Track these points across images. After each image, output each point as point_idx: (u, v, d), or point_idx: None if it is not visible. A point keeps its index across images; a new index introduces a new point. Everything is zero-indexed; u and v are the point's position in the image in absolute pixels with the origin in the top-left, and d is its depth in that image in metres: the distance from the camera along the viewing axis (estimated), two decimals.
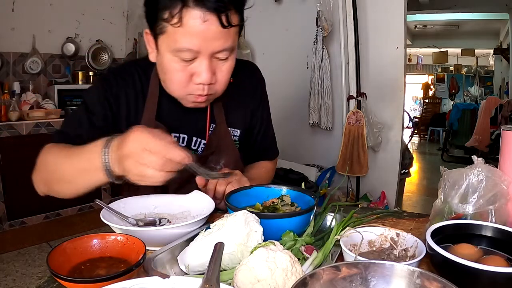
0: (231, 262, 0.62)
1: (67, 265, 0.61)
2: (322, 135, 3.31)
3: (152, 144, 0.67)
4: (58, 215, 3.42)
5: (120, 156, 0.70)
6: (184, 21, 0.79)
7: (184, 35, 0.80)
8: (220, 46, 0.84)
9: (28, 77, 3.54)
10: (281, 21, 3.44)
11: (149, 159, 0.67)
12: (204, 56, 0.84)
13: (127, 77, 1.00)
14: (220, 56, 0.86)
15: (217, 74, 0.89)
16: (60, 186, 0.84)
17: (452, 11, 6.49)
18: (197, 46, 0.81)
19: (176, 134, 1.03)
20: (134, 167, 0.69)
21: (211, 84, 0.89)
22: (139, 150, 0.67)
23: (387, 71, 2.92)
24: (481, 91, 8.73)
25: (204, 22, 0.79)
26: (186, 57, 0.83)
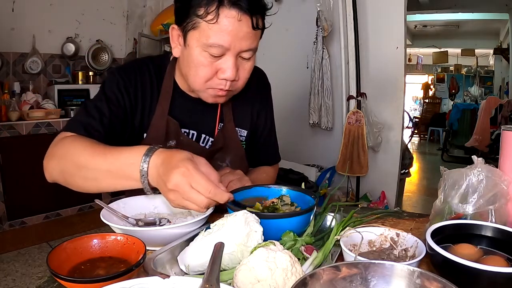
0: (231, 262, 0.62)
1: (67, 265, 0.61)
2: (322, 135, 3.31)
3: (199, 184, 0.69)
4: (58, 215, 3.42)
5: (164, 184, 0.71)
6: (220, 19, 0.83)
7: (217, 32, 0.84)
8: (248, 46, 0.89)
9: (28, 77, 3.54)
10: (281, 21, 3.44)
11: (195, 198, 0.69)
12: (232, 53, 0.88)
13: (145, 71, 1.02)
14: (245, 56, 0.91)
15: (239, 72, 0.93)
16: (83, 181, 0.83)
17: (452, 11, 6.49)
18: (228, 43, 0.85)
19: (186, 130, 1.05)
20: (179, 200, 0.71)
21: (233, 81, 0.92)
22: (186, 187, 0.69)
23: (387, 71, 2.92)
24: (481, 91, 8.73)
25: (238, 22, 0.84)
26: (215, 53, 0.87)
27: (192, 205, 0.70)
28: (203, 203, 0.70)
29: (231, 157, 1.09)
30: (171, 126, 1.01)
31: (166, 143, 1.01)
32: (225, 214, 0.71)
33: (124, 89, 0.98)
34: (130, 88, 0.99)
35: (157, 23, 3.95)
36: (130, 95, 0.98)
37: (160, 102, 1.01)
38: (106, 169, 0.79)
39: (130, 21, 4.25)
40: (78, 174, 0.83)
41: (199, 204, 0.70)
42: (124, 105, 0.97)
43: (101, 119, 0.93)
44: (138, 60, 1.08)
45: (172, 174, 0.69)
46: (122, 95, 0.97)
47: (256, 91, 1.16)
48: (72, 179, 0.84)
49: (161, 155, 0.74)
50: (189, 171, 0.69)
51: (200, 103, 1.00)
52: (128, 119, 0.99)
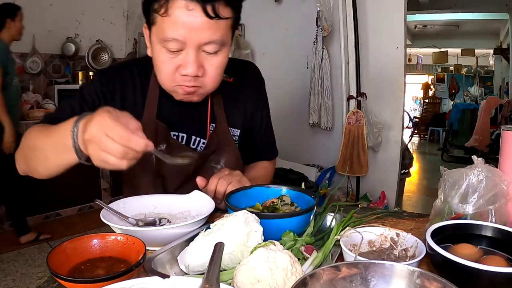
0: (231, 262, 0.62)
1: (67, 265, 0.61)
2: (322, 135, 3.31)
3: (113, 131, 0.66)
4: (58, 215, 3.42)
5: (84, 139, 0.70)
6: (170, 11, 0.80)
7: (170, 25, 0.81)
8: (207, 38, 0.83)
9: (28, 77, 3.55)
10: (281, 21, 3.45)
11: (110, 146, 0.66)
12: (191, 47, 0.83)
13: (126, 74, 1.01)
14: (208, 49, 0.85)
15: (206, 68, 0.88)
16: (36, 163, 0.84)
17: (452, 11, 6.50)
18: (182, 36, 0.81)
19: (176, 133, 1.03)
20: (96, 153, 0.68)
21: (198, 77, 0.88)
22: (100, 135, 0.66)
23: (387, 71, 2.92)
24: (481, 91, 8.73)
25: (189, 11, 0.79)
26: (173, 48, 0.83)
27: (109, 157, 0.67)
28: (118, 151, 0.66)
29: (226, 159, 1.06)
30: (159, 130, 0.98)
31: (156, 147, 0.97)
32: (225, 214, 0.71)
33: (100, 93, 0.97)
34: (107, 92, 0.97)
35: None
36: (107, 99, 0.97)
37: (146, 106, 0.99)
38: (50, 145, 0.79)
39: (130, 21, 4.25)
40: (33, 156, 0.84)
41: (115, 153, 0.66)
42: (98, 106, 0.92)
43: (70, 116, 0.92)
44: (123, 63, 1.07)
45: (90, 125, 0.68)
46: (98, 98, 0.96)
47: (249, 89, 1.13)
48: (31, 164, 0.86)
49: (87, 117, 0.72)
50: (104, 120, 0.67)
51: (189, 104, 0.97)
52: None
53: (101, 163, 0.69)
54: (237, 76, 1.09)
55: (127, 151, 0.67)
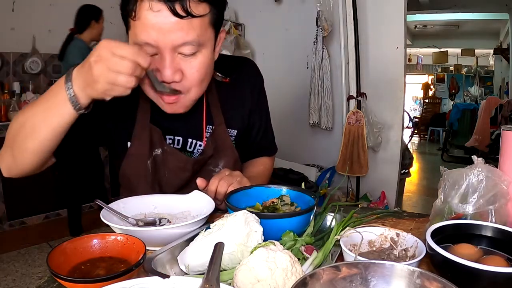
0: (231, 262, 0.62)
1: (67, 265, 0.61)
2: (322, 135, 3.31)
3: (121, 49, 0.67)
4: (58, 215, 3.42)
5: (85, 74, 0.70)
6: (139, 14, 0.77)
7: (140, 29, 0.78)
8: (180, 39, 0.78)
9: (28, 77, 3.55)
10: (281, 21, 3.45)
11: (120, 64, 0.67)
12: (165, 51, 0.79)
13: None
14: (184, 51, 0.80)
15: (185, 71, 0.83)
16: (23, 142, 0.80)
17: (452, 11, 6.50)
18: (153, 39, 0.77)
19: (171, 137, 1.00)
20: (105, 74, 0.68)
21: (176, 83, 0.83)
22: (109, 55, 0.67)
23: (387, 71, 2.92)
24: (481, 91, 8.74)
25: (156, 13, 0.75)
26: (147, 52, 0.79)
27: (118, 76, 0.68)
28: (128, 67, 0.67)
29: (224, 162, 1.04)
30: (154, 135, 0.95)
31: (151, 152, 0.97)
32: (225, 214, 0.71)
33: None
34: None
35: None
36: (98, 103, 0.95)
37: (139, 111, 0.96)
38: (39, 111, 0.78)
39: None
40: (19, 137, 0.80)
41: (125, 70, 0.67)
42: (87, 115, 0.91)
43: None
44: None
45: (95, 49, 0.69)
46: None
47: (247, 88, 1.10)
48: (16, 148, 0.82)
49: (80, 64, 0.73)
50: (109, 42, 0.69)
51: None
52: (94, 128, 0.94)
53: (109, 86, 0.70)
54: (233, 74, 1.07)
55: (136, 67, 0.69)
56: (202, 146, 1.04)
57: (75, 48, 3.05)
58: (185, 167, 1.00)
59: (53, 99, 0.76)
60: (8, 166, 0.87)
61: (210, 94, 1.03)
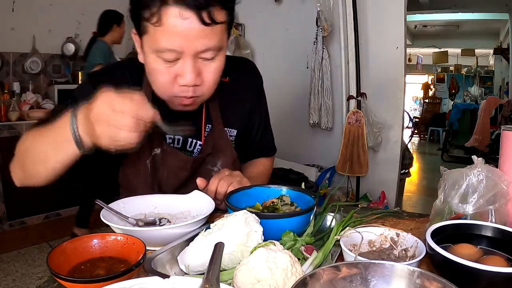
0: (231, 262, 0.62)
1: (67, 265, 0.61)
2: (322, 135, 3.31)
3: (121, 104, 0.65)
4: (58, 215, 3.41)
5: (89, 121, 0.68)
6: (164, 20, 0.75)
7: (164, 35, 0.76)
8: (204, 46, 0.79)
9: (28, 77, 3.54)
10: (281, 21, 3.45)
11: (121, 121, 0.65)
12: (188, 56, 0.79)
13: (117, 76, 0.98)
14: (205, 56, 0.82)
15: (203, 75, 0.84)
16: (34, 166, 0.81)
17: (452, 11, 6.50)
18: (178, 46, 0.77)
19: (171, 136, 1.01)
20: (106, 130, 0.66)
21: (197, 86, 0.84)
22: (109, 111, 0.65)
23: (387, 71, 2.92)
24: (481, 91, 8.74)
25: (184, 20, 0.75)
26: (169, 58, 0.79)
27: (120, 133, 0.65)
28: (129, 124, 0.65)
29: (223, 161, 1.04)
30: (153, 135, 0.93)
31: (151, 151, 0.97)
32: (225, 214, 0.71)
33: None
34: None
35: None
36: None
37: None
38: (47, 141, 0.77)
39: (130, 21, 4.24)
40: (30, 159, 0.81)
41: (126, 127, 0.65)
42: None
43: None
44: (115, 64, 1.03)
45: (93, 105, 0.67)
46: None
47: (246, 88, 1.10)
48: (28, 168, 0.83)
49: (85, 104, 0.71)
50: (109, 96, 0.66)
51: None
52: None
53: (112, 142, 0.68)
54: (233, 75, 1.07)
55: (138, 123, 0.66)
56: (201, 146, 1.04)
57: (97, 49, 3.22)
58: (184, 166, 1.00)
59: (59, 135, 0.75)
60: (20, 180, 0.88)
61: None
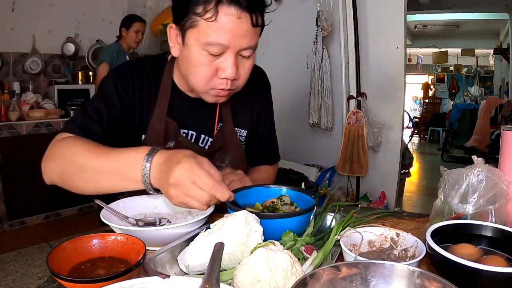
0: (231, 262, 0.62)
1: (67, 265, 0.61)
2: (322, 135, 3.31)
3: (202, 180, 0.69)
4: (58, 215, 3.42)
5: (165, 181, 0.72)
6: (219, 17, 0.82)
7: (216, 30, 0.83)
8: (248, 44, 0.87)
9: (28, 77, 3.55)
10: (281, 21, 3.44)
11: (197, 193, 0.69)
12: (231, 52, 0.86)
13: (140, 71, 1.01)
14: (245, 54, 0.89)
15: (239, 70, 0.91)
16: (83, 183, 0.83)
17: (452, 11, 6.50)
18: (227, 41, 0.84)
19: (185, 131, 1.04)
20: (180, 197, 0.71)
21: (234, 80, 0.91)
22: (188, 182, 0.69)
23: (387, 71, 2.92)
24: (481, 91, 8.73)
25: (238, 19, 0.82)
26: (215, 52, 0.85)
27: (193, 202, 0.70)
28: (204, 199, 0.70)
29: (231, 157, 1.09)
30: (169, 127, 1.00)
31: (165, 144, 1.01)
32: (225, 214, 0.71)
33: (122, 90, 0.97)
34: (128, 89, 0.98)
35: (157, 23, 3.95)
36: (129, 96, 0.98)
37: (158, 103, 1.00)
38: (106, 170, 0.79)
39: None
40: (77, 175, 0.83)
41: (200, 200, 0.70)
42: (122, 106, 0.97)
43: (99, 120, 0.93)
44: (135, 61, 1.07)
45: (175, 169, 0.70)
46: (120, 96, 0.96)
47: (257, 90, 1.16)
48: (71, 180, 0.84)
49: (164, 154, 0.75)
50: (192, 167, 0.70)
51: (199, 103, 0.99)
52: (127, 120, 0.98)
53: (181, 204, 0.73)
54: None
55: (211, 200, 0.71)
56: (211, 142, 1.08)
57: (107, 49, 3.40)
58: None
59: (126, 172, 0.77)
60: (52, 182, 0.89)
61: None
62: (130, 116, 0.99)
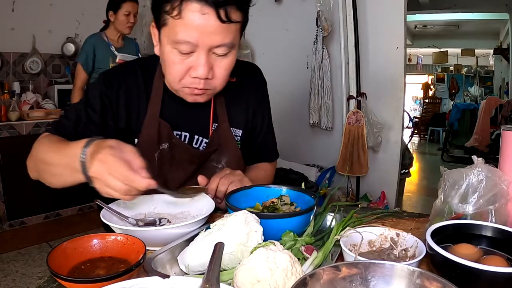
0: (231, 262, 0.62)
1: (67, 265, 0.61)
2: (322, 135, 3.31)
3: (116, 170, 0.69)
4: (58, 215, 3.42)
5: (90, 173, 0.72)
6: (183, 14, 0.80)
7: (183, 28, 0.81)
8: (219, 41, 0.84)
9: (28, 77, 3.54)
10: (281, 21, 3.44)
11: (115, 184, 0.69)
12: (202, 50, 0.84)
13: (130, 74, 1.01)
14: (219, 52, 0.86)
15: (215, 69, 0.89)
16: (52, 178, 0.86)
17: (452, 11, 6.49)
18: (195, 39, 0.82)
19: (178, 132, 1.03)
20: (101, 188, 0.71)
21: (208, 79, 0.89)
22: (105, 174, 0.69)
23: (387, 71, 2.92)
24: (481, 91, 8.73)
25: (202, 15, 0.80)
26: (184, 50, 0.84)
27: (114, 193, 0.70)
28: (121, 189, 0.69)
29: (227, 158, 1.08)
30: (162, 129, 0.99)
31: (159, 146, 1.00)
32: (225, 214, 0.71)
33: (105, 95, 0.97)
34: (112, 94, 0.98)
35: None
36: (112, 101, 0.98)
37: (150, 105, 1.00)
38: (63, 164, 0.80)
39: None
40: (46, 171, 0.86)
41: (119, 191, 0.70)
42: (102, 111, 0.97)
43: (76, 122, 0.95)
44: (126, 64, 1.07)
45: (93, 162, 0.70)
46: (102, 101, 0.97)
47: (251, 89, 1.14)
48: (44, 176, 0.88)
49: (93, 146, 0.74)
50: (106, 158, 0.69)
51: (192, 103, 0.97)
52: (108, 124, 0.98)
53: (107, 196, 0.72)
54: (239, 76, 1.10)
55: (130, 189, 0.70)
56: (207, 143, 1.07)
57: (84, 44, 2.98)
58: (191, 159, 1.04)
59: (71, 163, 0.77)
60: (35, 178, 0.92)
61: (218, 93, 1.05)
62: (113, 121, 0.98)
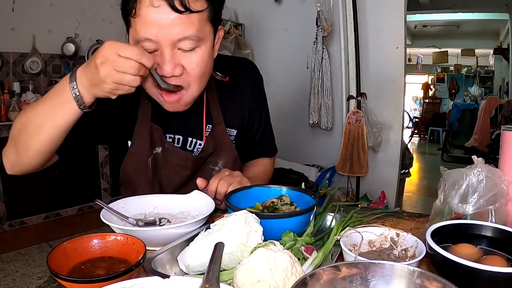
0: (231, 262, 0.62)
1: (67, 265, 0.61)
2: (322, 135, 3.31)
3: (126, 50, 0.70)
4: (58, 215, 3.42)
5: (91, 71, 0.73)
6: (139, 11, 0.79)
7: (141, 25, 0.79)
8: (179, 34, 0.80)
9: (28, 77, 3.54)
10: (281, 21, 3.45)
11: (126, 65, 0.70)
12: (165, 46, 0.81)
13: None
14: (183, 46, 0.82)
15: (186, 66, 0.84)
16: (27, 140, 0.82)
17: (452, 11, 6.50)
18: (153, 34, 0.79)
19: (171, 135, 1.01)
20: (112, 74, 0.71)
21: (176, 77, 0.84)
22: (114, 56, 0.70)
23: (387, 71, 2.92)
24: (481, 91, 8.73)
25: (155, 9, 0.77)
26: (148, 48, 0.80)
27: (125, 76, 0.71)
28: (133, 68, 0.71)
29: (224, 160, 1.05)
30: (154, 133, 0.97)
31: (152, 150, 0.98)
32: (225, 214, 0.71)
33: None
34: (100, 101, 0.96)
35: None
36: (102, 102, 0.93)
37: (141, 108, 0.97)
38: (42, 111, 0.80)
39: None
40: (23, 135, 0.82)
41: (130, 71, 0.71)
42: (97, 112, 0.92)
43: None
44: None
45: (100, 51, 0.71)
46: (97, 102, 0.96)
47: (246, 87, 1.11)
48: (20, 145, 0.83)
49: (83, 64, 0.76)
50: (115, 43, 0.71)
51: None
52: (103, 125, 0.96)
53: (115, 86, 0.73)
54: (233, 74, 1.08)
55: (140, 67, 0.72)
56: (202, 145, 1.04)
57: None
58: (185, 164, 1.01)
59: (58, 98, 0.78)
60: (11, 163, 0.89)
61: (210, 93, 1.04)
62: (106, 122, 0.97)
